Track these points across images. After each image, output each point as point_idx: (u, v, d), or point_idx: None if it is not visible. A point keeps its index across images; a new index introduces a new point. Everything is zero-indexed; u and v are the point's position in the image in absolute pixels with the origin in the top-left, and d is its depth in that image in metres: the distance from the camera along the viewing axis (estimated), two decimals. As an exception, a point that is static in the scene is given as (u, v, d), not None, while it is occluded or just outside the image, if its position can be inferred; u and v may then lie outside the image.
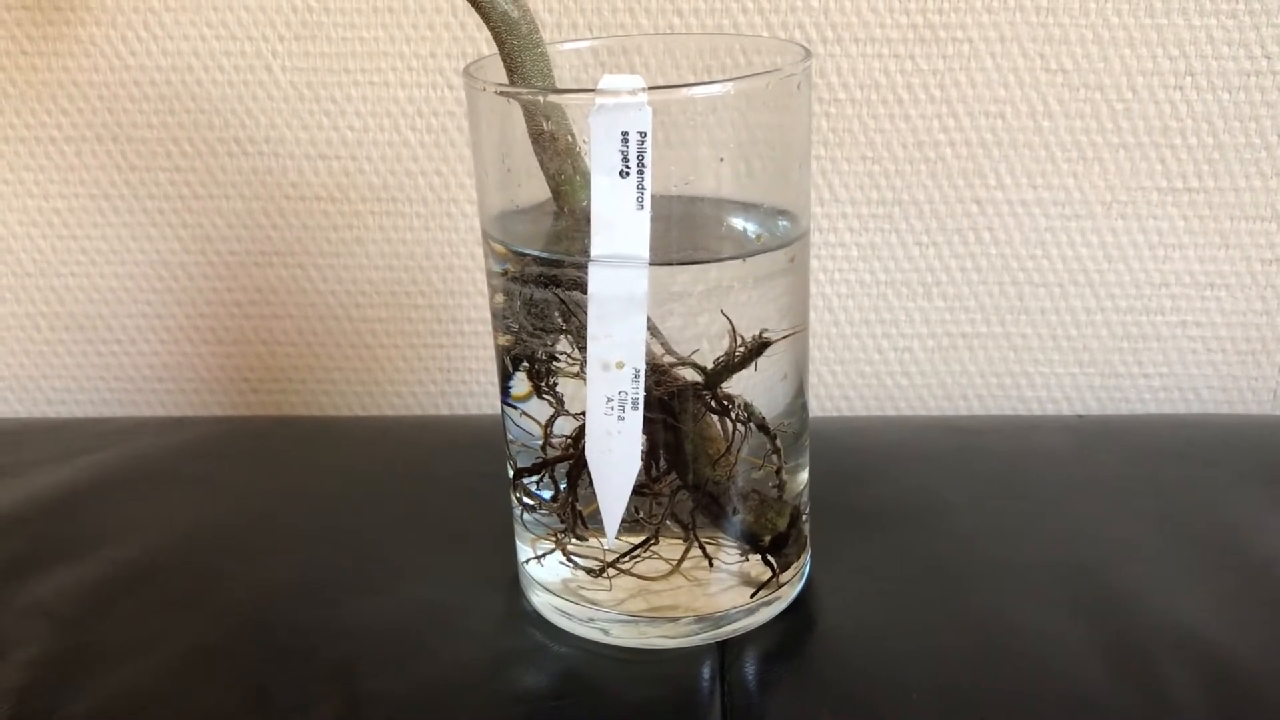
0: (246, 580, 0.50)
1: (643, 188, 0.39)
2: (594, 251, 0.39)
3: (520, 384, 0.47)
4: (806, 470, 0.48)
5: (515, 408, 0.48)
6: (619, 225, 0.39)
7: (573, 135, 0.42)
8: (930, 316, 0.69)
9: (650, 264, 0.40)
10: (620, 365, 0.41)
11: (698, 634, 0.46)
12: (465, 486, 0.56)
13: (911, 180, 0.66)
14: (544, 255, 0.42)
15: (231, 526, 0.54)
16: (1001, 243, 0.67)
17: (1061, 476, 0.56)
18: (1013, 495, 0.54)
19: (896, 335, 0.70)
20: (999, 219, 0.66)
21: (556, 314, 0.43)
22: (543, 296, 0.42)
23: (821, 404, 0.72)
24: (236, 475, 0.59)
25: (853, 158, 0.66)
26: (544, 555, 0.47)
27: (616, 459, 0.43)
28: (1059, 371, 0.71)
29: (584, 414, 0.42)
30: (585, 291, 0.40)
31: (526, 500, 0.48)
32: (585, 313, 0.41)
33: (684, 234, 0.42)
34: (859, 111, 0.65)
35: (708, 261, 0.42)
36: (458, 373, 0.72)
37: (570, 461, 0.45)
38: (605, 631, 0.46)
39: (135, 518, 0.55)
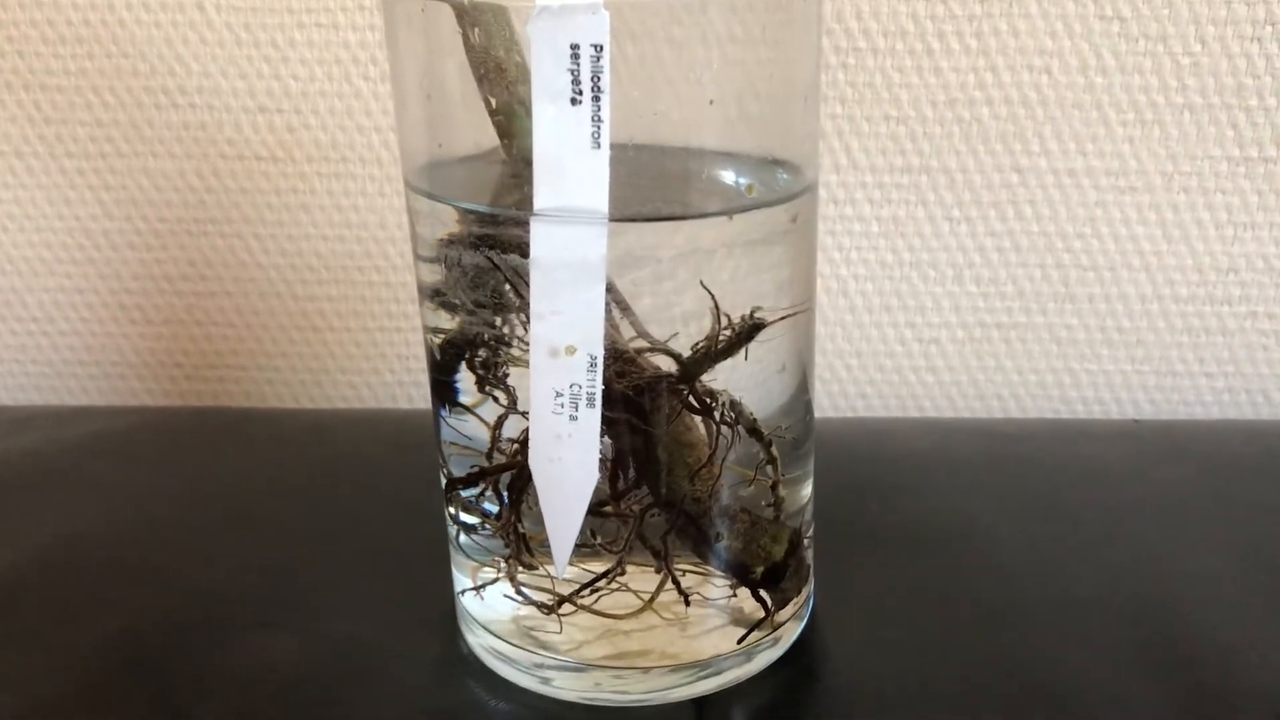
0: (124, 609, 0.42)
1: (599, 119, 0.30)
2: (537, 203, 0.31)
3: (467, 383, 0.38)
4: (810, 484, 0.40)
5: (456, 408, 0.39)
6: (569, 169, 0.31)
7: (521, 57, 0.33)
8: (961, 303, 0.60)
9: (610, 219, 0.30)
10: (571, 351, 0.32)
11: (672, 688, 0.38)
12: (409, 497, 0.47)
13: (942, 144, 0.57)
14: (475, 209, 0.33)
15: (117, 540, 0.46)
16: (1045, 219, 0.59)
17: (1117, 494, 0.48)
18: (1060, 516, 0.46)
19: (922, 325, 0.61)
20: (1042, 191, 0.58)
21: (507, 286, 0.34)
22: (475, 262, 0.33)
23: (834, 402, 0.63)
24: (135, 476, 0.50)
25: (874, 117, 0.57)
26: (485, 586, 0.39)
27: (568, 469, 0.34)
28: (1108, 369, 0.62)
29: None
30: (526, 256, 0.31)
31: (464, 517, 0.39)
32: (527, 282, 0.32)
33: (654, 183, 0.33)
34: (882, 63, 0.57)
35: (685, 218, 0.33)
36: (418, 359, 0.64)
37: (513, 472, 0.36)
38: (553, 683, 0.38)
39: (1, 529, 0.46)
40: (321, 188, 0.61)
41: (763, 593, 0.38)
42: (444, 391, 0.39)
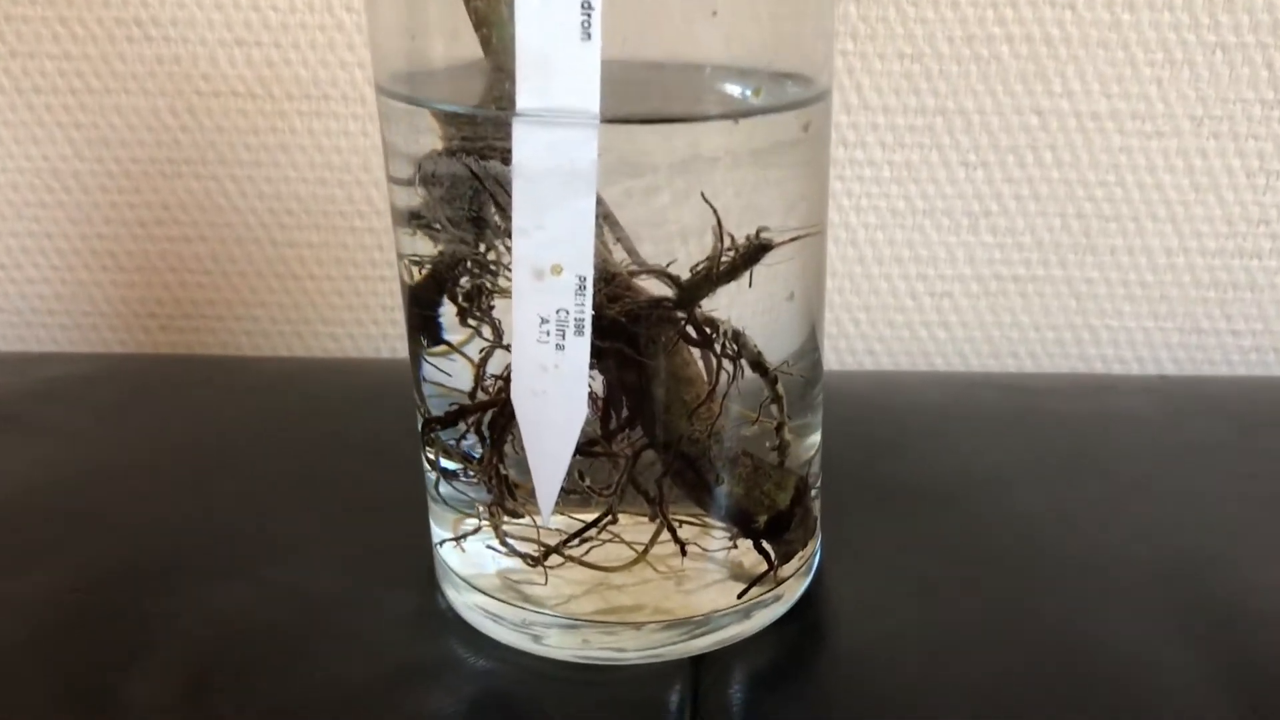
0: (71, 558, 0.39)
1: (590, 6, 0.27)
2: (520, 102, 0.27)
3: (449, 316, 0.35)
4: (819, 433, 0.36)
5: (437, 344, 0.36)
6: (556, 61, 0.27)
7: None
8: (976, 254, 0.57)
9: (602, 121, 0.27)
10: (558, 271, 0.29)
11: (666, 645, 0.35)
12: (385, 445, 0.44)
13: (958, 84, 0.54)
14: (453, 109, 0.30)
15: (72, 486, 0.43)
16: (1066, 165, 0.55)
17: (1148, 448, 0.45)
18: (1087, 471, 0.43)
19: (935, 277, 0.58)
20: (1063, 135, 0.55)
21: (489, 199, 0.31)
22: (452, 172, 0.30)
23: (841, 358, 0.60)
24: (94, 423, 0.47)
25: (886, 54, 0.54)
26: (465, 536, 0.36)
27: (553, 405, 0.31)
28: (1129, 325, 0.58)
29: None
30: (509, 163, 0.28)
31: (444, 463, 0.36)
32: (509, 194, 0.29)
33: (651, 84, 0.30)
34: (896, -5, 0.53)
35: (686, 120, 0.29)
36: (400, 309, 0.60)
37: (495, 409, 0.33)
38: (542, 639, 0.35)
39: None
40: (302, 126, 0.58)
41: (765, 544, 0.35)
42: (423, 327, 0.36)
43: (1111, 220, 0.57)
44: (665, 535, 0.34)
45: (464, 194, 0.30)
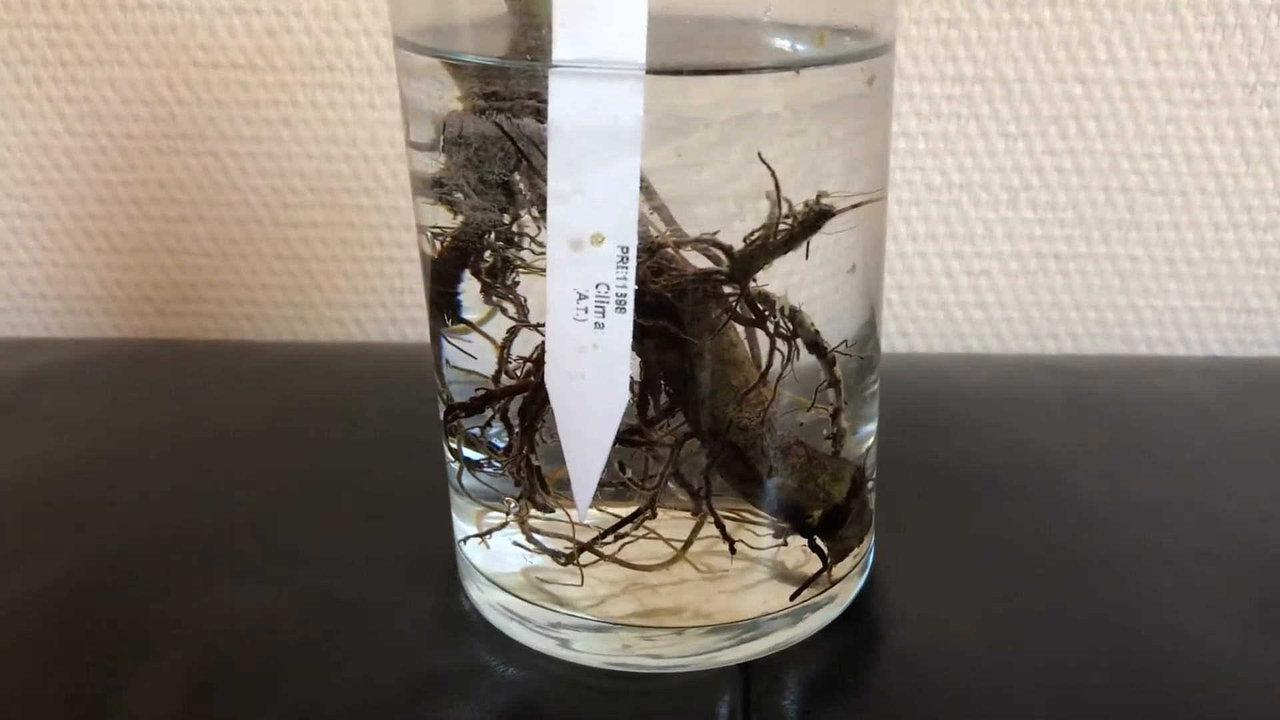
0: (68, 554, 0.37)
1: (635, -56, 0.24)
2: (557, 52, 0.25)
3: (471, 293, 0.32)
4: (875, 423, 0.34)
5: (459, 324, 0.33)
6: (597, 8, 0.25)
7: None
8: (1015, 231, 0.54)
9: (648, 72, 0.24)
10: (599, 240, 0.27)
11: (711, 652, 0.32)
12: (400, 434, 0.42)
13: (998, 51, 0.51)
14: (481, 61, 0.27)
15: (66, 479, 0.40)
16: (1110, 136, 0.53)
17: (1213, 433, 0.42)
18: (1148, 457, 0.40)
19: (971, 254, 0.55)
20: (1108, 105, 0.52)
21: (521, 161, 0.28)
22: (480, 132, 0.27)
23: (872, 341, 0.57)
24: (87, 412, 0.45)
25: (923, 20, 0.51)
26: (490, 533, 0.33)
27: (591, 390, 0.28)
28: (1175, 305, 0.56)
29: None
30: (544, 120, 0.25)
31: (467, 453, 0.33)
32: (544, 155, 0.26)
33: (701, 37, 0.27)
34: (934, -44, 0.50)
35: (743, 71, 0.26)
36: (412, 293, 0.58)
37: (525, 394, 0.30)
38: (571, 644, 0.33)
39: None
40: (306, 99, 0.55)
41: (819, 542, 0.32)
42: (444, 304, 0.33)
43: (1158, 194, 0.54)
44: (709, 531, 0.31)
45: (494, 156, 0.27)
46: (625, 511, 0.31)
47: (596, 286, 0.27)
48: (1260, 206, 0.54)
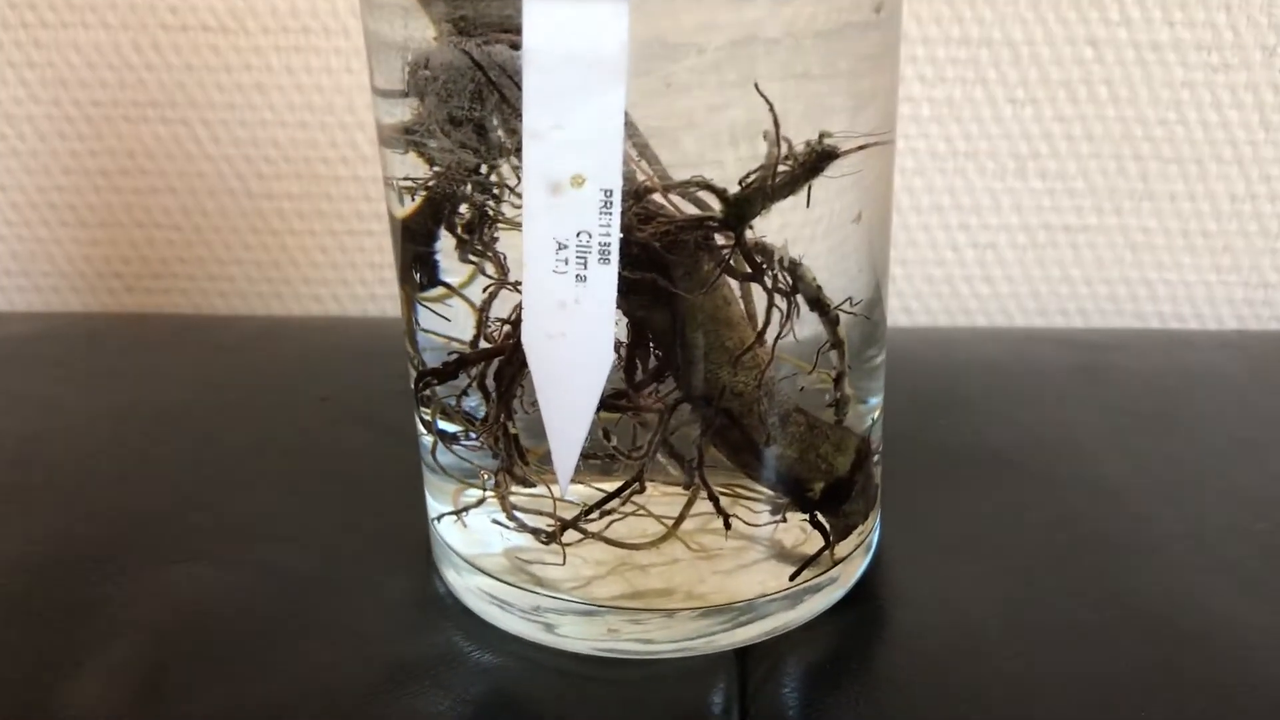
0: (17, 534, 0.35)
1: None
2: (532, -31, 0.22)
3: (446, 255, 0.29)
4: (880, 396, 0.31)
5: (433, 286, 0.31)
6: (576, -81, 0.22)
7: None
8: (1023, 201, 0.52)
9: (631, -8, 0.22)
10: (579, 182, 0.24)
11: (705, 636, 0.30)
12: (373, 409, 0.39)
13: (1005, 10, 0.49)
14: (448, -14, 0.25)
15: (12, 455, 0.37)
16: (1122, 101, 0.50)
17: (1236, 408, 0.40)
18: (1172, 432, 0.38)
19: (977, 226, 0.53)
20: (1120, 69, 0.50)
21: (497, 100, 0.26)
22: (449, 63, 0.25)
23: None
24: (39, 386, 0.42)
25: (927, -23, 0.49)
26: (467, 510, 0.30)
27: (573, 350, 0.26)
28: (1189, 279, 0.54)
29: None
30: (518, 48, 0.23)
31: (441, 425, 0.30)
32: (519, 88, 0.23)
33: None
34: (938, -91, 0.48)
35: (734, -9, 0.24)
36: (392, 268, 0.55)
37: (502, 358, 0.28)
38: (556, 629, 0.30)
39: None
40: (280, 63, 0.52)
41: (821, 518, 0.30)
42: (417, 265, 0.30)
43: (1172, 163, 0.52)
44: (696, 509, 0.29)
45: (463, 90, 0.25)
46: (612, 486, 0.29)
47: (577, 235, 0.25)
48: (1279, 176, 0.52)
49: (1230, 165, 0.52)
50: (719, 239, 0.26)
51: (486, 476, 0.30)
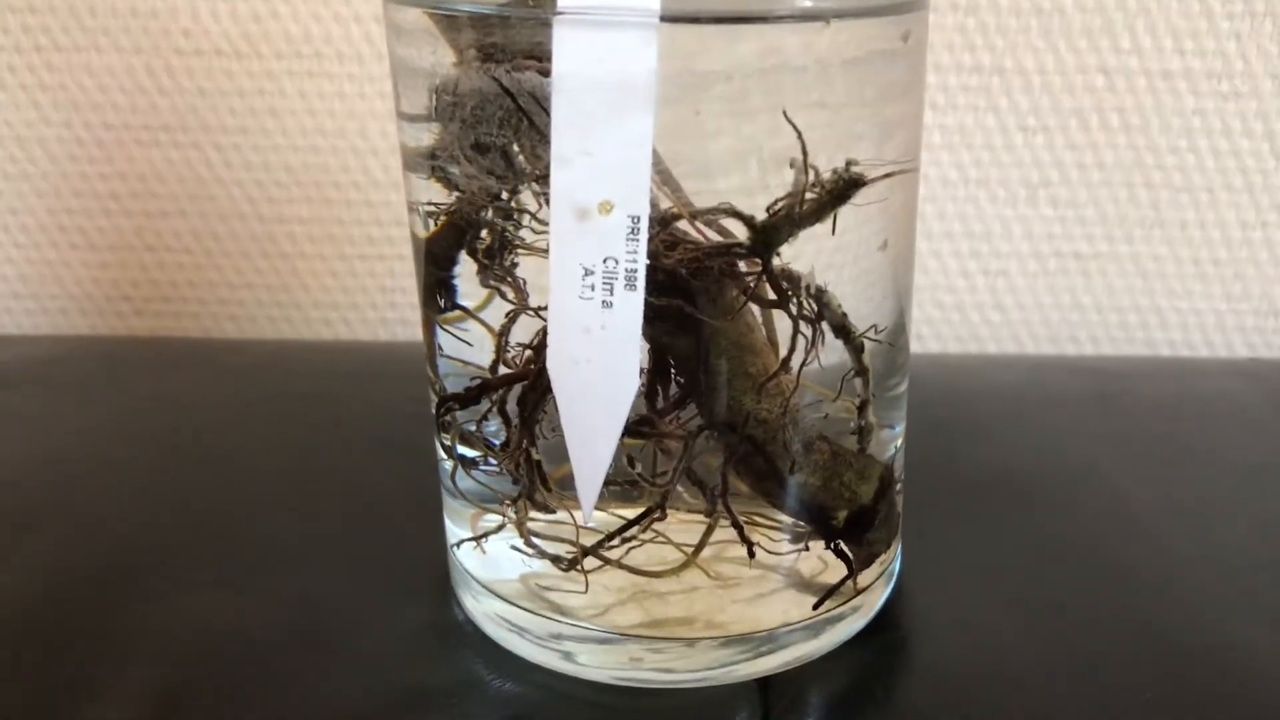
0: (25, 560, 0.34)
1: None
2: (563, -2, 0.22)
3: (466, 279, 0.29)
4: (902, 425, 0.31)
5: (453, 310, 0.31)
6: (607, -53, 0.22)
7: None
8: (1034, 229, 0.52)
9: (662, 19, 0.22)
10: (606, 209, 0.24)
11: (726, 666, 0.30)
12: (388, 434, 0.39)
13: (1017, 40, 0.49)
14: (479, 11, 0.25)
15: (24, 480, 0.37)
16: (1134, 129, 0.50)
17: (1253, 435, 0.40)
18: (1192, 461, 0.38)
19: (988, 254, 0.53)
20: (1131, 97, 0.50)
21: (525, 125, 0.26)
22: (477, 89, 0.25)
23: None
24: (54, 410, 0.42)
25: (939, 6, 0.49)
26: (486, 536, 0.30)
27: (598, 375, 0.26)
28: (1200, 306, 0.53)
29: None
30: (548, 74, 0.23)
31: (461, 450, 0.30)
32: (547, 114, 0.23)
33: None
34: (951, -61, 0.48)
35: (764, 19, 0.24)
36: (403, 292, 0.55)
37: (525, 383, 0.28)
38: (575, 658, 0.30)
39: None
40: (293, 88, 0.52)
41: (843, 546, 0.30)
42: (438, 288, 0.30)
43: (1183, 191, 0.52)
44: (723, 533, 0.29)
45: (492, 116, 0.25)
46: (630, 513, 0.29)
47: (604, 261, 0.25)
48: (1290, 204, 0.52)
49: (1241, 193, 0.52)
50: (744, 266, 0.26)
51: (508, 505, 0.30)
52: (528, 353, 0.28)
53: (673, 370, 0.28)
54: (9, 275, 0.57)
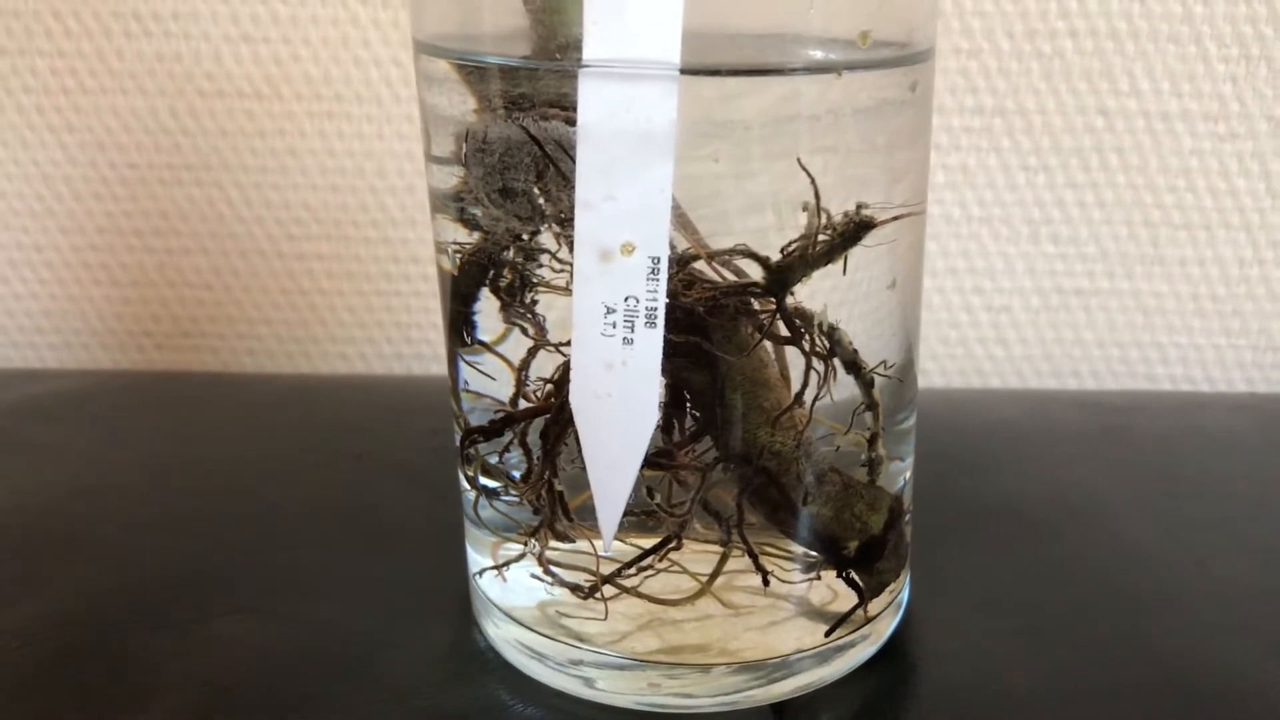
0: (69, 583, 0.35)
1: (670, -62, 0.23)
2: (587, 51, 0.23)
3: (488, 315, 0.30)
4: (910, 459, 0.32)
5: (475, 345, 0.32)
6: (629, 5, 0.23)
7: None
8: (1036, 266, 0.53)
9: (683, 72, 0.23)
10: (629, 250, 0.25)
11: (739, 691, 0.31)
12: (408, 466, 0.40)
13: (1019, 82, 0.50)
14: (507, 63, 0.26)
15: (62, 509, 0.39)
16: (1133, 169, 0.52)
17: (1256, 468, 0.40)
18: (1195, 492, 0.39)
19: (991, 290, 0.54)
20: (1130, 137, 0.51)
21: (547, 168, 0.27)
22: (505, 136, 0.26)
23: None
24: (84, 441, 0.43)
25: (942, 50, 0.50)
26: (507, 565, 0.31)
27: (619, 409, 0.27)
28: (1199, 342, 0.54)
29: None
30: (573, 124, 0.24)
31: (483, 480, 0.31)
32: (573, 161, 0.24)
33: (735, 42, 0.26)
34: (953, -15, 0.50)
35: (779, 72, 0.25)
36: (419, 328, 0.56)
37: (548, 416, 0.29)
38: (595, 684, 0.31)
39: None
40: (312, 129, 0.54)
41: (854, 575, 0.31)
42: (461, 324, 0.31)
43: (1181, 229, 0.53)
44: (737, 563, 0.30)
45: (519, 163, 0.26)
46: (647, 542, 0.30)
47: (626, 300, 0.26)
48: (1286, 242, 0.53)
49: (1238, 231, 0.53)
50: (758, 304, 0.27)
51: (529, 535, 0.31)
52: (549, 387, 0.29)
53: (689, 404, 0.29)
54: (33, 310, 0.58)
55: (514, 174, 0.26)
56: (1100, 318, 0.55)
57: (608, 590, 0.30)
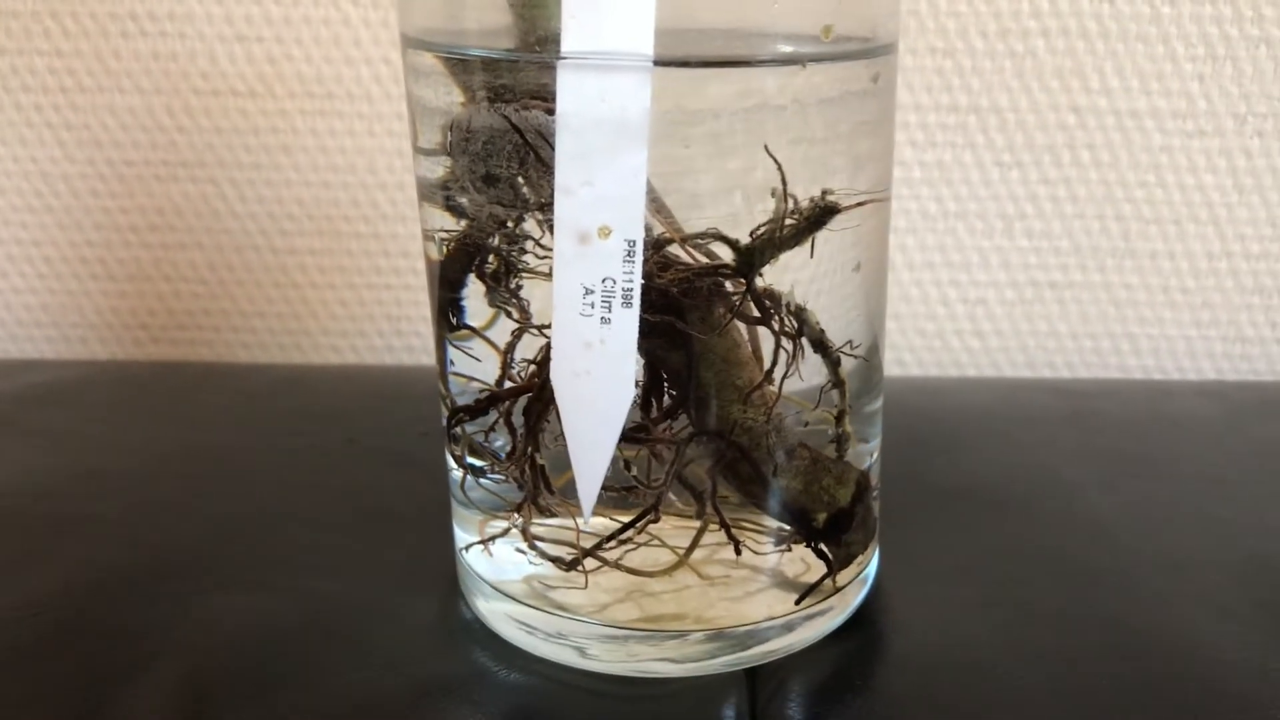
0: (57, 564, 0.36)
1: (643, -65, 0.24)
2: (565, 44, 0.25)
3: (474, 300, 0.32)
4: (877, 440, 0.33)
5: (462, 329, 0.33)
6: (605, 1, 0.25)
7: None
8: (1011, 259, 0.55)
9: (656, 64, 0.25)
10: (606, 233, 0.27)
11: (715, 657, 0.32)
12: (397, 450, 0.41)
13: (992, 80, 0.52)
14: (490, 55, 0.27)
15: (63, 490, 0.40)
16: (1104, 165, 0.53)
17: (1214, 450, 0.42)
18: (1156, 473, 0.40)
19: (967, 283, 0.55)
20: (1101, 134, 0.52)
21: (528, 155, 0.28)
22: (489, 125, 0.27)
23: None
24: (85, 427, 0.44)
25: (918, 49, 0.52)
26: (493, 539, 0.32)
27: (598, 385, 0.28)
28: (1170, 333, 0.56)
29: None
30: (553, 113, 0.26)
31: (470, 458, 0.33)
32: (552, 148, 0.26)
33: (705, 37, 0.27)
34: (928, -14, 0.51)
35: (747, 64, 0.27)
36: (409, 320, 0.57)
37: (529, 394, 0.30)
38: (581, 652, 0.32)
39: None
40: (305, 127, 0.55)
41: (823, 547, 0.32)
42: (449, 309, 0.33)
43: (1151, 223, 0.55)
44: (712, 536, 0.31)
45: (502, 150, 0.27)
46: (627, 518, 0.31)
47: (603, 281, 0.27)
48: (1253, 235, 0.55)
49: (1207, 225, 0.55)
50: (730, 286, 0.29)
51: (515, 517, 0.32)
52: (532, 367, 0.31)
53: (665, 382, 0.30)
54: (31, 304, 0.59)
55: (497, 161, 0.28)
56: (1074, 309, 0.56)
57: (589, 563, 0.31)
